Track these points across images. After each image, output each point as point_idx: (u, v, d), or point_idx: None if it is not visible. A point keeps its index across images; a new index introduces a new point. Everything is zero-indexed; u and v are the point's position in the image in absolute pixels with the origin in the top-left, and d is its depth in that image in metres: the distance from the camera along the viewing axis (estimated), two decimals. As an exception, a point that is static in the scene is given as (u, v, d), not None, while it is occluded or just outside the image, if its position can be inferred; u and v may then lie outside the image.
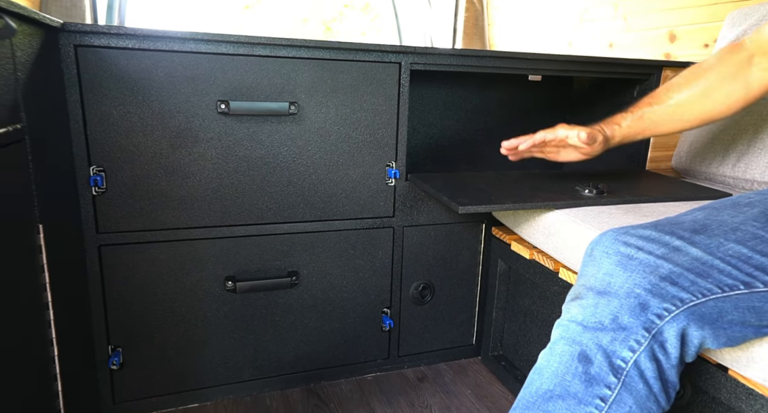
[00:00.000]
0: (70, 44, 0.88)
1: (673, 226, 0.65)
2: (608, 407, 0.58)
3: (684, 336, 0.58)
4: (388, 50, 1.08)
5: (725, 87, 0.90)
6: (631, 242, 0.63)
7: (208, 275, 1.06)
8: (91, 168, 0.94)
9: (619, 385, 0.58)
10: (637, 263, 0.61)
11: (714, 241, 0.62)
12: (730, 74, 0.90)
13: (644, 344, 0.58)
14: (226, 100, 0.98)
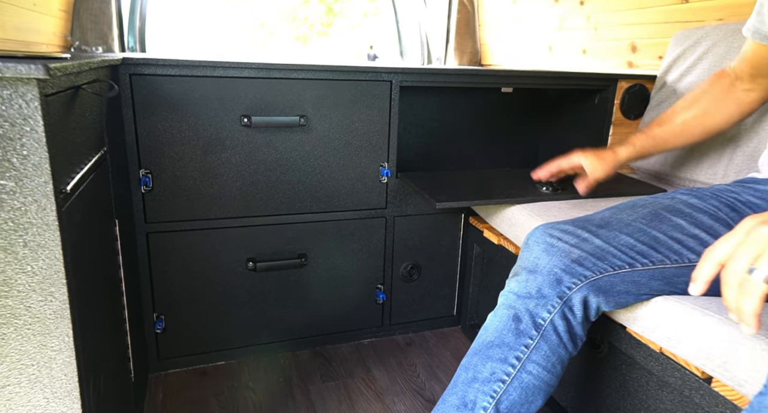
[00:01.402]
0: (127, 74, 1.10)
1: (585, 222, 0.88)
2: (530, 351, 0.82)
3: (585, 301, 0.82)
4: (381, 71, 1.30)
5: (720, 107, 1.11)
6: (554, 234, 0.86)
7: (233, 257, 1.30)
8: (141, 171, 1.17)
9: (538, 336, 0.82)
10: (557, 250, 0.84)
11: (611, 234, 0.85)
12: (721, 97, 1.11)
13: (557, 307, 0.82)
14: (248, 114, 1.21)
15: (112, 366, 0.88)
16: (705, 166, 1.33)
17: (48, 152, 0.57)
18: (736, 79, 1.08)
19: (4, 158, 0.56)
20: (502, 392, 0.80)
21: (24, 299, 0.60)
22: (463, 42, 2.72)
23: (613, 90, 1.54)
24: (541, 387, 0.81)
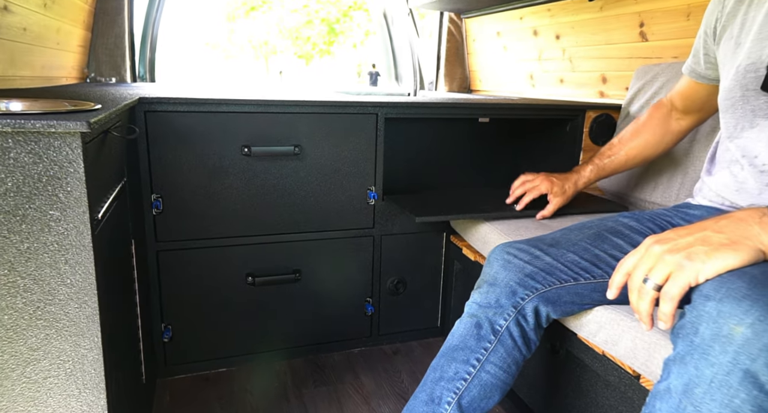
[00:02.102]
0: (143, 111, 1.25)
1: (538, 241, 1.02)
2: (489, 353, 0.95)
3: (537, 310, 0.95)
4: (367, 105, 1.45)
5: (658, 138, 1.29)
6: (511, 252, 1.00)
7: (234, 272, 1.44)
8: (152, 195, 1.32)
9: (496, 341, 0.95)
10: (513, 266, 0.98)
11: (560, 252, 0.99)
12: (659, 127, 1.28)
13: (513, 316, 0.95)
14: (248, 145, 1.36)
15: (128, 367, 1.01)
16: (661, 189, 1.47)
17: (86, 187, 0.72)
18: (672, 109, 1.25)
19: (53, 194, 0.70)
20: (464, 389, 0.93)
21: (63, 307, 0.74)
22: (452, 69, 2.89)
23: (582, 119, 1.69)
24: (497, 384, 0.94)
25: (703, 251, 0.62)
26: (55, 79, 1.77)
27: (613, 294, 0.73)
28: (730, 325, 0.56)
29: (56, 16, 1.66)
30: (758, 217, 0.63)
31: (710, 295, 0.60)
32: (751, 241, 0.62)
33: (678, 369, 0.62)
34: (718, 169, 0.98)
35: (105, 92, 1.37)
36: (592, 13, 1.88)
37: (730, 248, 0.61)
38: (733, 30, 0.93)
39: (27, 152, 0.68)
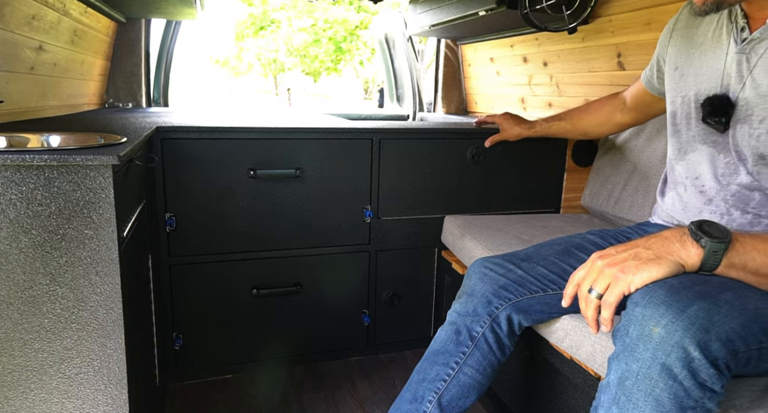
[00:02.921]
0: (159, 138, 1.39)
1: (512, 257, 1.13)
2: (466, 357, 1.06)
3: (509, 318, 1.06)
4: (363, 131, 1.58)
5: (602, 119, 1.47)
6: (488, 266, 1.12)
7: (240, 285, 1.56)
8: (167, 214, 1.45)
9: (473, 346, 1.06)
10: (489, 278, 1.09)
11: (531, 266, 1.10)
12: (607, 113, 1.46)
13: (488, 323, 1.06)
14: (254, 168, 1.49)
15: (146, 370, 1.13)
16: (636, 208, 1.59)
17: (115, 210, 0.85)
18: (622, 104, 1.40)
19: (88, 216, 0.83)
20: (444, 389, 1.04)
21: (93, 312, 0.87)
22: (450, 92, 3.04)
23: (565, 141, 1.81)
24: (474, 385, 1.05)
25: (634, 265, 0.74)
26: (78, 106, 1.92)
27: (566, 303, 0.85)
28: (650, 326, 0.68)
29: (81, 50, 1.82)
30: (679, 235, 0.75)
31: (638, 302, 0.71)
32: (672, 256, 0.73)
33: (615, 365, 0.73)
34: (668, 190, 1.09)
35: (125, 121, 1.51)
36: (575, 44, 2.02)
37: (655, 263, 0.73)
38: (678, 61, 1.04)
39: (68, 182, 0.81)
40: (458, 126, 1.75)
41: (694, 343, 0.64)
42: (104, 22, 2.01)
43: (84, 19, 1.74)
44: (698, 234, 0.72)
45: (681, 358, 0.65)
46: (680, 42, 1.05)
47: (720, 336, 0.65)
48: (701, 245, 0.72)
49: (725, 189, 0.92)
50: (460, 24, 2.21)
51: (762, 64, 0.84)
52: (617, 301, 0.75)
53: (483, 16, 1.95)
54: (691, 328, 0.65)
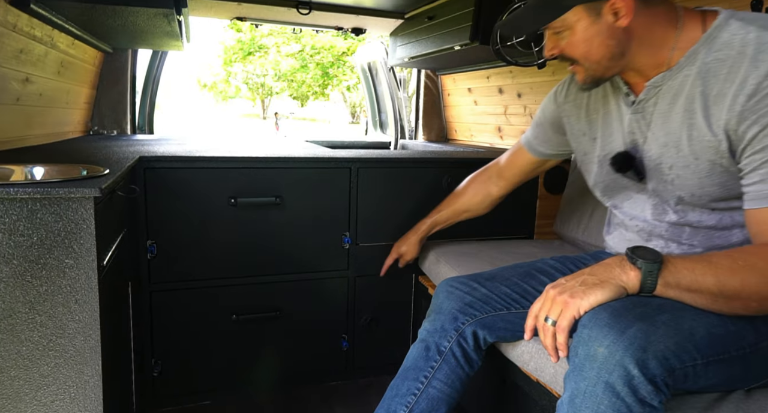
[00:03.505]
0: (142, 168, 1.43)
1: (477, 276, 1.19)
2: (435, 372, 1.10)
3: (475, 334, 1.11)
4: (341, 160, 1.64)
5: (479, 198, 1.49)
6: (454, 285, 1.17)
7: (220, 310, 1.58)
8: (148, 241, 1.48)
9: (441, 360, 1.10)
10: (455, 296, 1.14)
11: (495, 285, 1.15)
12: (480, 191, 1.48)
13: (455, 338, 1.11)
14: (234, 197, 1.53)
15: (123, 397, 1.15)
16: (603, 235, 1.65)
17: (96, 239, 0.88)
18: (495, 175, 1.44)
19: (69, 246, 0.87)
20: (414, 402, 1.08)
21: (71, 339, 0.89)
22: (430, 120, 3.13)
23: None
24: (443, 398, 1.09)
25: (581, 291, 0.79)
26: (62, 134, 1.96)
27: (528, 336, 0.90)
28: (595, 347, 0.73)
29: (67, 80, 1.86)
30: (619, 261, 0.81)
31: (585, 324, 0.76)
32: (615, 280, 0.79)
33: (567, 384, 0.78)
34: (612, 229, 1.17)
35: (109, 150, 1.55)
36: (546, 77, 2.12)
37: (599, 287, 0.79)
38: (584, 127, 1.11)
39: (51, 213, 0.85)
40: (434, 155, 1.82)
41: (633, 362, 0.69)
42: (91, 52, 2.06)
43: (71, 51, 1.79)
44: (634, 258, 0.78)
45: (622, 376, 0.70)
46: (576, 111, 1.12)
47: (656, 355, 0.70)
48: (638, 266, 0.78)
49: (659, 227, 1.00)
50: (437, 57, 2.31)
51: (656, 120, 0.93)
52: (569, 325, 0.80)
53: (459, 50, 2.05)
54: (630, 348, 0.70)
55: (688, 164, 0.89)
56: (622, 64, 0.92)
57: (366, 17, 2.53)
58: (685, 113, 0.87)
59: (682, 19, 0.88)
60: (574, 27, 0.89)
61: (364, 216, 1.70)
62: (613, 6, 0.85)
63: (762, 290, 0.74)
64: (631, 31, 0.87)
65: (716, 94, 0.83)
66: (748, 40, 0.79)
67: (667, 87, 0.90)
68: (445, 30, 2.09)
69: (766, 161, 0.77)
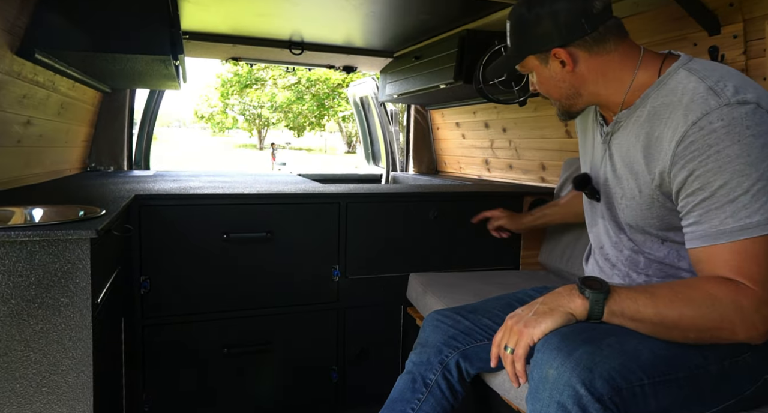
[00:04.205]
0: (137, 205, 1.48)
1: (461, 309, 1.23)
2: (421, 403, 1.13)
3: (458, 365, 1.15)
4: (331, 195, 1.69)
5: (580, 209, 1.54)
6: (439, 318, 1.21)
7: (212, 344, 1.61)
8: (142, 277, 1.51)
9: (427, 392, 1.13)
10: (440, 329, 1.18)
11: (477, 317, 1.20)
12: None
13: (440, 370, 1.14)
14: (227, 232, 1.58)
15: (112, 431, 1.17)
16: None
17: (91, 278, 0.93)
18: None
19: (65, 285, 0.91)
20: (402, 433, 1.11)
21: (65, 376, 0.92)
22: (420, 153, 3.21)
23: (520, 202, 1.95)
24: (429, 429, 1.12)
25: (534, 319, 0.85)
26: (60, 171, 2.01)
27: (493, 363, 0.94)
28: (546, 369, 0.78)
29: (66, 120, 1.93)
30: (568, 290, 0.86)
31: (539, 349, 0.82)
32: (563, 308, 0.85)
33: (528, 406, 0.83)
34: (589, 257, 1.22)
35: (105, 189, 1.61)
36: (529, 113, 2.21)
37: (550, 315, 0.84)
38: (581, 148, 1.21)
39: (49, 254, 0.89)
40: (420, 190, 1.88)
41: (580, 382, 0.74)
42: (90, 93, 2.14)
43: (71, 93, 1.87)
44: (582, 287, 0.84)
45: (572, 396, 0.75)
46: (581, 132, 1.22)
47: (602, 375, 0.75)
48: (585, 296, 0.83)
49: (621, 255, 1.06)
50: (425, 94, 2.40)
51: (614, 152, 1.01)
52: (524, 353, 0.85)
53: (444, 88, 2.14)
54: (577, 368, 0.75)
55: (634, 196, 0.97)
56: (585, 101, 1.01)
57: (357, 56, 2.64)
58: (634, 150, 0.95)
59: (642, 62, 0.95)
60: (535, 71, 1.03)
61: (353, 249, 1.75)
62: (556, 56, 0.96)
63: (698, 323, 0.79)
64: (581, 75, 0.97)
65: (657, 136, 0.90)
66: (687, 90, 0.86)
67: (625, 124, 0.98)
68: (431, 69, 2.19)
69: (697, 204, 0.84)
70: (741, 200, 0.80)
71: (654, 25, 1.43)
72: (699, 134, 0.82)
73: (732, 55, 1.22)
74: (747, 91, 0.82)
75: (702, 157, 0.82)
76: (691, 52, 1.32)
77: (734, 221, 0.80)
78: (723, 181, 0.80)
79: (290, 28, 2.21)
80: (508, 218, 1.76)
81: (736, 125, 0.80)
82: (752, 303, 0.78)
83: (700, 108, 0.83)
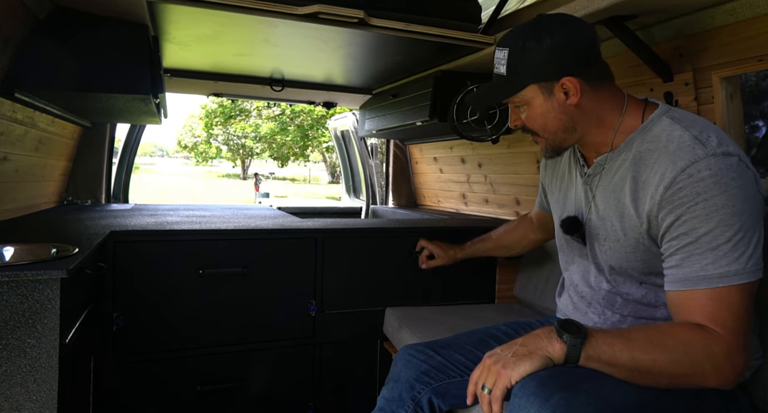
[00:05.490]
0: (113, 241, 1.48)
1: (433, 344, 1.24)
2: None
3: (430, 401, 1.15)
4: (308, 231, 1.71)
5: (517, 238, 1.59)
6: (411, 353, 1.22)
7: (185, 383, 1.58)
8: (114, 314, 1.50)
9: None
10: (411, 364, 1.19)
11: (449, 353, 1.21)
12: (521, 232, 1.58)
13: (412, 407, 1.14)
14: (203, 268, 1.58)
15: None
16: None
17: (59, 319, 0.93)
18: (532, 223, 1.54)
19: (32, 326, 0.91)
20: (374, 470, 1.10)
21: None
22: (399, 186, 3.26)
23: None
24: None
25: (512, 361, 0.86)
26: (35, 206, 2.00)
27: (469, 401, 0.95)
28: None
29: (44, 155, 1.94)
30: (547, 333, 0.88)
31: (516, 393, 0.83)
32: (542, 351, 0.86)
33: None
34: (563, 292, 1.25)
35: (81, 224, 1.60)
36: (502, 149, 2.28)
37: (528, 358, 0.86)
38: (554, 187, 1.24)
39: (17, 295, 0.89)
40: (397, 225, 1.91)
41: None
42: (70, 128, 2.15)
43: (50, 128, 1.88)
44: (560, 331, 0.86)
45: None
46: (551, 172, 1.26)
47: None
48: (563, 340, 0.85)
49: (597, 294, 1.09)
50: (402, 130, 2.46)
51: (599, 194, 1.04)
52: (502, 395, 0.86)
53: (420, 125, 2.20)
54: None
55: (618, 238, 0.99)
56: (576, 137, 1.03)
57: (336, 93, 2.71)
58: (620, 193, 0.98)
59: (627, 107, 1.00)
60: (531, 102, 1.00)
61: (330, 284, 1.76)
62: (563, 86, 0.96)
63: (670, 369, 0.82)
64: (581, 109, 0.99)
65: (644, 181, 0.94)
66: (672, 137, 0.91)
67: (609, 166, 1.01)
68: (408, 107, 2.26)
69: (680, 248, 0.87)
70: (722, 249, 0.83)
71: (614, 69, 1.50)
72: (688, 180, 0.86)
73: (685, 101, 1.30)
74: (729, 145, 0.88)
75: (690, 203, 0.85)
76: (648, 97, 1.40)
77: (714, 269, 0.83)
78: (708, 228, 0.84)
79: (270, 66, 2.27)
80: (441, 249, 1.71)
81: (723, 176, 0.84)
82: (723, 350, 0.82)
83: (687, 156, 0.87)
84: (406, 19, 1.61)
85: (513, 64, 0.98)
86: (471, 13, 1.80)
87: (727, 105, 1.22)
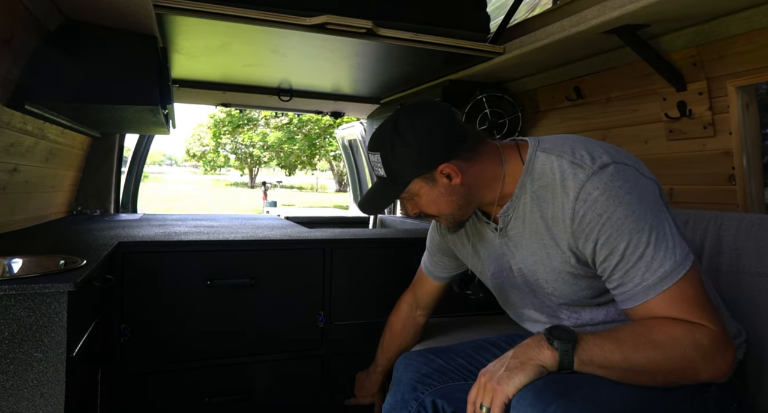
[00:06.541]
0: (121, 253, 1.48)
1: (432, 349, 1.24)
2: None
3: (434, 403, 1.14)
4: (315, 241, 1.70)
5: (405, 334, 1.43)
6: (411, 357, 1.22)
7: (193, 393, 1.57)
8: (122, 325, 1.49)
9: None
10: (412, 367, 1.19)
11: (450, 357, 1.20)
12: (404, 327, 1.42)
13: (415, 407, 1.14)
14: (211, 279, 1.57)
15: None
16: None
17: (66, 332, 0.92)
18: (415, 304, 1.42)
19: (40, 339, 0.90)
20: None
21: (34, 434, 0.90)
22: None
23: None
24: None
25: (506, 375, 0.85)
26: (45, 216, 2.01)
27: None
28: None
29: (54, 166, 1.95)
30: (537, 341, 0.87)
31: (514, 405, 0.82)
32: (534, 361, 0.84)
33: None
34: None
35: (89, 235, 1.60)
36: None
37: (521, 370, 0.84)
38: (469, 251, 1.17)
39: (24, 308, 0.89)
40: (405, 234, 1.89)
41: None
42: (79, 138, 2.17)
43: (60, 139, 1.89)
44: (550, 338, 0.85)
45: None
46: (460, 238, 1.19)
47: None
48: (554, 347, 0.84)
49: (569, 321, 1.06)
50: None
51: (517, 243, 1.02)
52: (501, 411, 0.85)
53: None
54: None
55: (557, 277, 0.99)
56: (474, 206, 1.04)
57: (344, 103, 2.71)
58: (537, 235, 0.98)
59: (504, 155, 1.00)
60: (419, 193, 1.01)
61: (338, 295, 1.74)
62: (443, 172, 0.97)
63: (663, 365, 0.81)
64: (467, 184, 0.99)
65: (551, 216, 0.95)
66: (554, 169, 0.93)
67: (515, 214, 1.01)
68: (416, 116, 2.25)
69: (613, 268, 0.88)
70: (648, 254, 0.85)
71: (626, 80, 1.49)
72: (584, 206, 0.88)
73: (699, 110, 1.28)
74: (600, 154, 0.91)
75: (598, 226, 0.88)
76: (661, 107, 1.38)
77: (652, 275, 0.85)
78: (626, 242, 0.86)
79: (279, 76, 2.28)
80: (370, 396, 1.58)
81: (610, 188, 0.87)
82: (707, 339, 0.82)
83: (574, 184, 0.90)
84: (415, 29, 1.61)
85: (388, 164, 0.99)
86: (480, 22, 1.80)
87: (743, 114, 1.20)
